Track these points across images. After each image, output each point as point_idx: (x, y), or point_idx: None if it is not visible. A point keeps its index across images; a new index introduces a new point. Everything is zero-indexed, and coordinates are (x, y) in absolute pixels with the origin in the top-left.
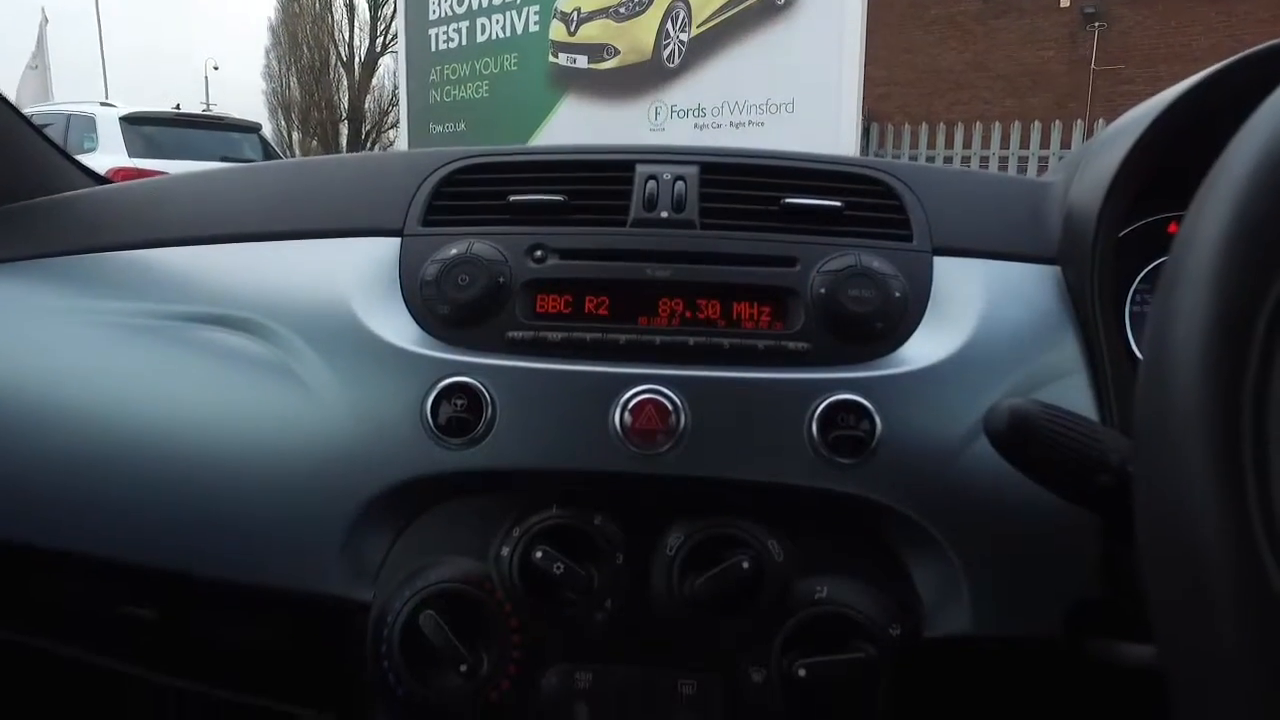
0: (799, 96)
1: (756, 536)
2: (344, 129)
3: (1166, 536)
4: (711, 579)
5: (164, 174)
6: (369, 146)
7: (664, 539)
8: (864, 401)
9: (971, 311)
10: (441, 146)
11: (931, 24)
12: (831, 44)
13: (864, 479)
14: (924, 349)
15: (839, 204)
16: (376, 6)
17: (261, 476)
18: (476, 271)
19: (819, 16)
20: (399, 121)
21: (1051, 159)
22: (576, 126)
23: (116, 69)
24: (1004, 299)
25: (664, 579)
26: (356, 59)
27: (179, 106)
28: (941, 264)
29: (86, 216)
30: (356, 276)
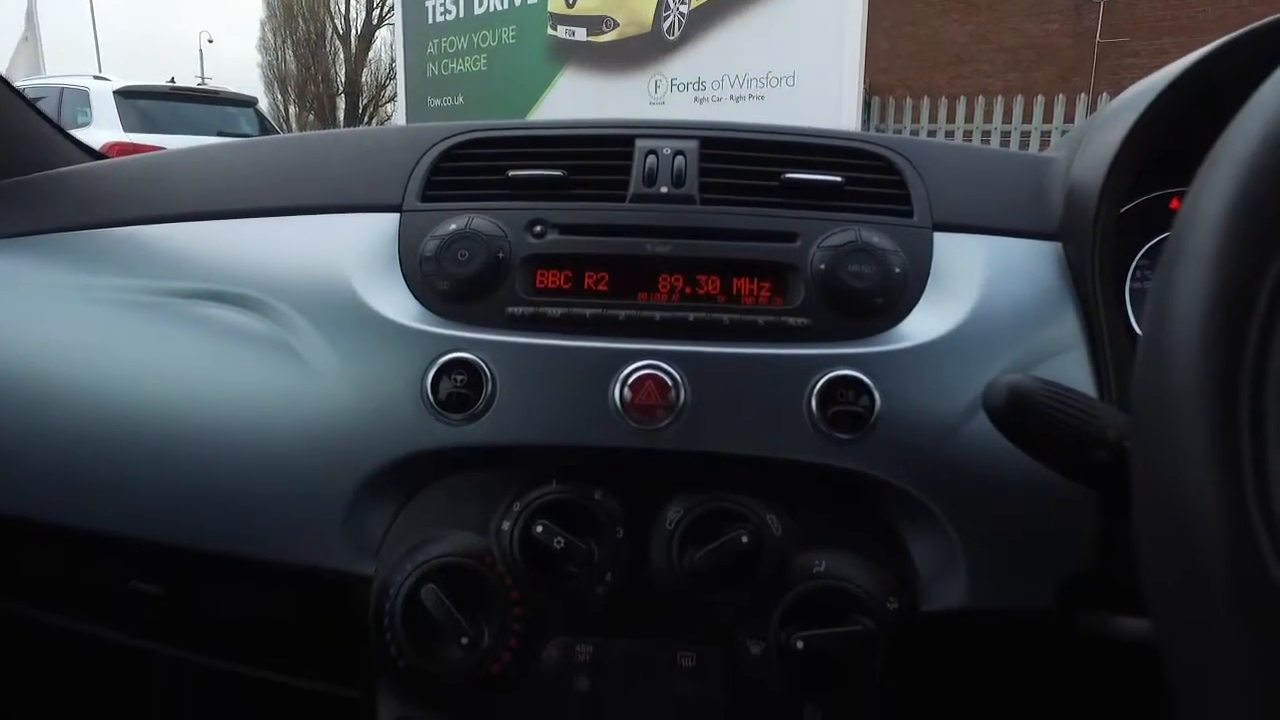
0: (800, 70)
1: (755, 511)
2: (341, 103)
3: (1162, 514)
4: (711, 553)
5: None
6: (366, 120)
7: (664, 513)
8: (863, 377)
9: (971, 287)
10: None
11: None
12: (833, 16)
13: (863, 454)
14: (924, 325)
15: (839, 179)
16: None
17: (262, 452)
18: (476, 247)
19: None
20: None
21: (1054, 134)
22: (575, 100)
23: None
24: (1004, 275)
25: (664, 553)
26: (353, 31)
27: (174, 80)
28: (942, 240)
29: (83, 192)
30: (356, 252)
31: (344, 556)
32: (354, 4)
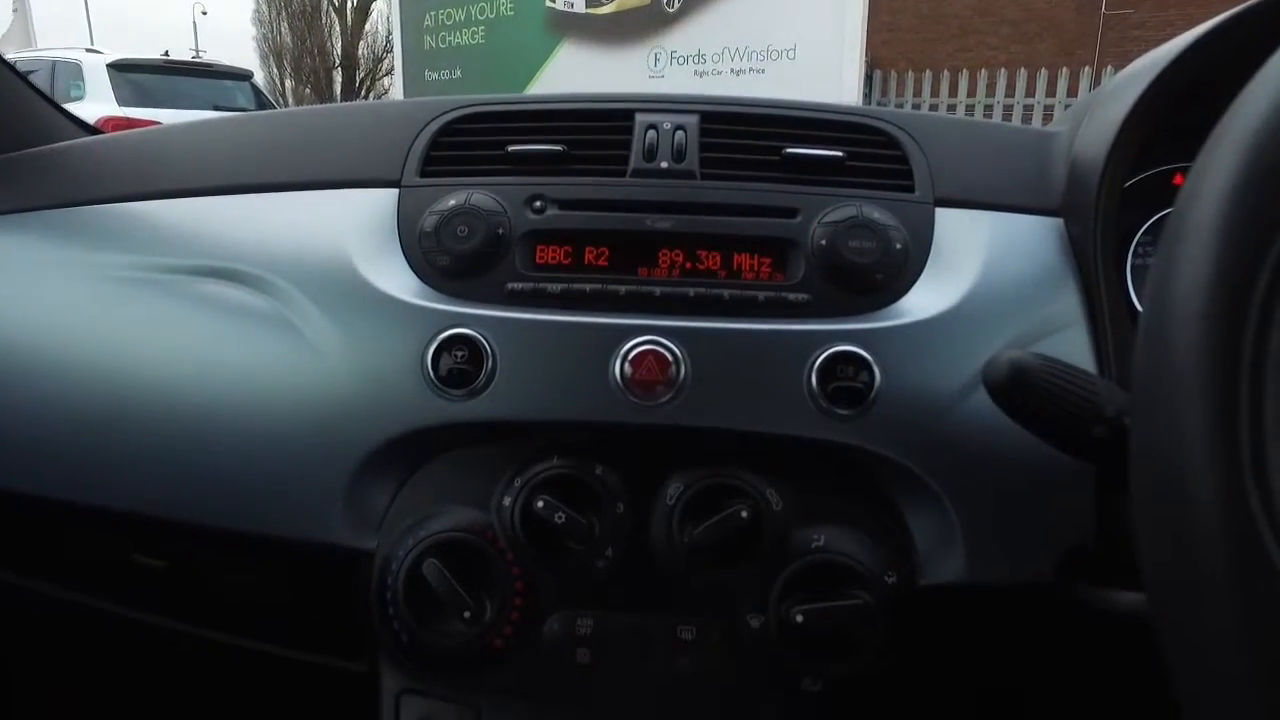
0: (801, 43)
1: (755, 486)
2: (337, 76)
3: (1160, 492)
4: (710, 528)
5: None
6: (363, 94)
7: (664, 488)
8: (863, 353)
9: (972, 263)
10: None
11: None
12: None
13: (862, 430)
14: (924, 301)
15: (841, 154)
16: None
17: (263, 428)
18: (475, 223)
19: None
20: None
21: (1057, 108)
22: (574, 73)
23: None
24: (1005, 251)
25: (664, 528)
26: (349, 4)
27: (168, 53)
28: (943, 215)
29: (78, 168)
30: (354, 228)
31: (346, 532)
32: None
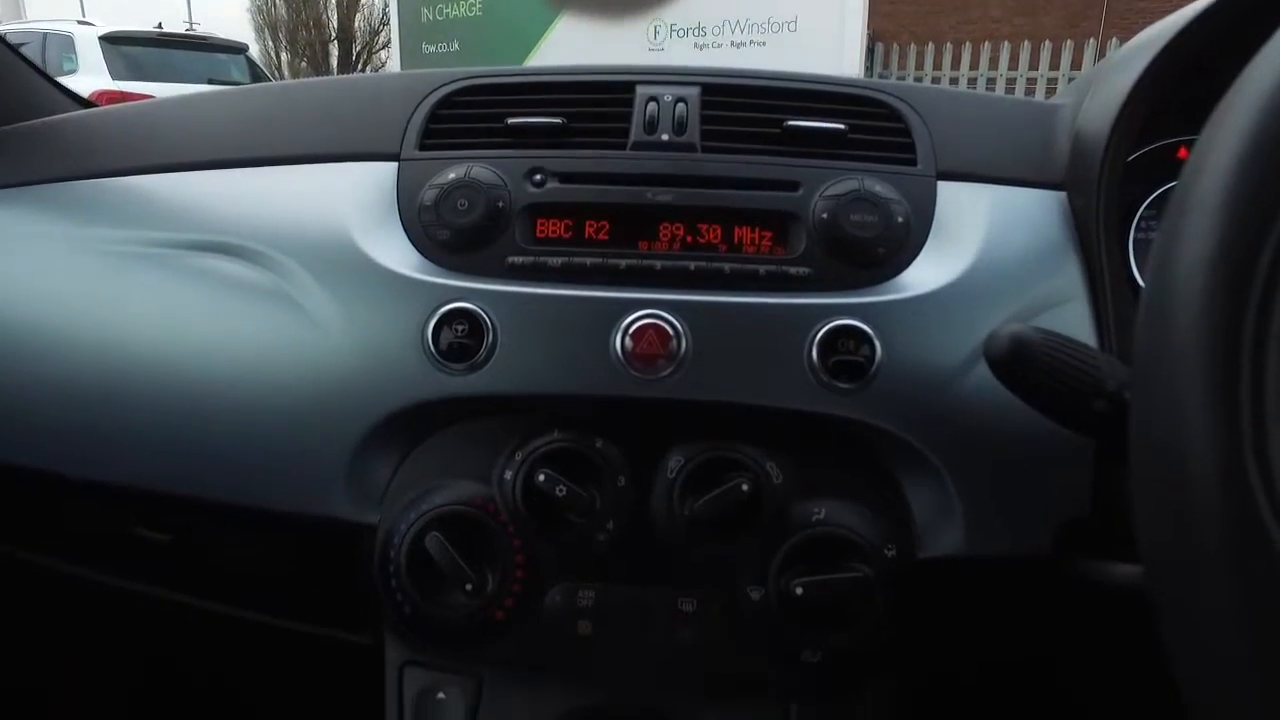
0: (802, 15)
1: (756, 459)
2: (334, 49)
3: (1159, 467)
4: (711, 500)
5: (150, 97)
6: (360, 67)
7: (665, 462)
8: (864, 327)
9: (975, 237)
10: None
11: None
12: None
13: (863, 404)
14: (926, 274)
15: (842, 127)
16: None
17: (264, 403)
18: (476, 196)
19: None
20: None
21: (1061, 81)
22: (573, 46)
23: None
24: (1008, 225)
25: (665, 501)
26: None
27: (161, 26)
28: (946, 189)
29: (73, 141)
30: (354, 202)
31: (348, 506)
32: None
